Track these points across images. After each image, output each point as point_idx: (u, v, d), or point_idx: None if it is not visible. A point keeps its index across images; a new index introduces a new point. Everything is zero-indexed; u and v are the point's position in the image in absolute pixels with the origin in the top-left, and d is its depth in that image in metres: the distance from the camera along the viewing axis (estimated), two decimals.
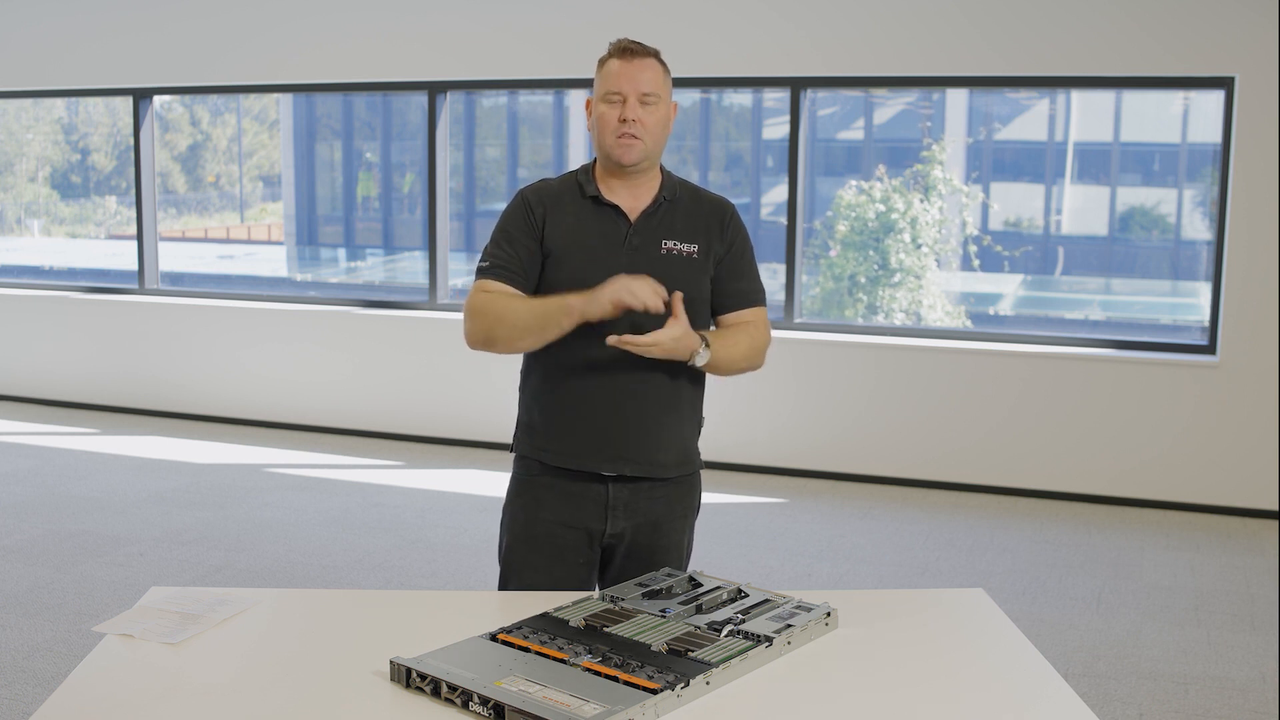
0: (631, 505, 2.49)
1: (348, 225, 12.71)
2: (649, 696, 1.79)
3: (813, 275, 8.29)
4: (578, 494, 2.48)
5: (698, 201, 2.54)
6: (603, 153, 2.47)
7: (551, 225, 2.46)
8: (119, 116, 9.63)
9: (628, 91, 2.41)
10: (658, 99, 2.44)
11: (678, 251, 2.47)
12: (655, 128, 2.44)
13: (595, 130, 2.47)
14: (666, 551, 2.56)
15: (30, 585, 4.56)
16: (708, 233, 2.51)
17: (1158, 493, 5.80)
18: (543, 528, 2.50)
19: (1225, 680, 3.85)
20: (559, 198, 2.49)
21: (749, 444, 6.30)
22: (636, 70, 2.42)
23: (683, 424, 2.54)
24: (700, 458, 2.63)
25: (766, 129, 10.24)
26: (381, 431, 7.06)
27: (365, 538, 5.23)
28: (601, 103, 2.44)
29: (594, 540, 2.50)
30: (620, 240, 2.45)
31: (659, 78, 2.44)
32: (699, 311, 2.48)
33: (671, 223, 2.49)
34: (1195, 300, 7.66)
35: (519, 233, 2.47)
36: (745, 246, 2.56)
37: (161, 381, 7.58)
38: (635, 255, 2.44)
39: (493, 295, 2.43)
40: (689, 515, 2.62)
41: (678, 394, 2.50)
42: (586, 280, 2.37)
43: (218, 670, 1.98)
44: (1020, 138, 10.11)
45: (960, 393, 6.05)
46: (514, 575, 2.53)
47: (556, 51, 6.53)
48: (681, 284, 2.41)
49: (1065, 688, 1.95)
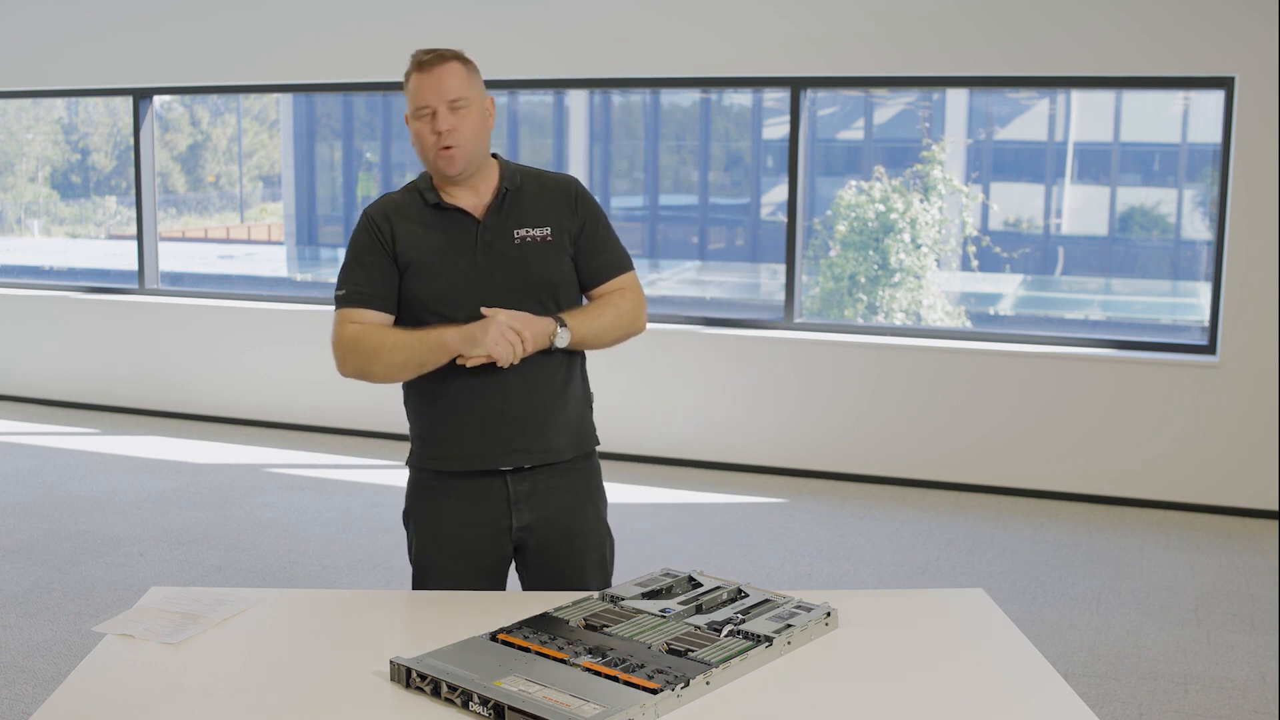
0: (534, 497, 2.49)
1: (348, 225, 12.70)
2: (649, 696, 1.79)
3: (813, 275, 8.29)
4: (479, 493, 2.48)
5: (542, 185, 2.54)
6: (430, 168, 2.47)
7: (401, 238, 2.45)
8: (119, 116, 9.63)
9: (434, 103, 2.39)
10: (467, 102, 2.41)
11: (530, 238, 2.47)
12: (471, 132, 2.42)
13: (417, 147, 2.46)
14: (581, 540, 2.54)
15: (30, 585, 4.56)
16: (557, 213, 2.51)
17: (1158, 493, 5.80)
18: (449, 529, 2.49)
19: (1225, 680, 3.85)
20: (403, 210, 2.49)
21: (749, 444, 6.30)
22: (438, 80, 2.39)
23: (568, 404, 2.53)
24: (596, 436, 2.63)
25: (766, 129, 10.24)
26: (381, 431, 7.06)
27: (365, 538, 5.23)
28: (414, 120, 2.43)
29: (501, 536, 2.49)
30: (472, 240, 2.45)
31: (463, 80, 2.42)
32: (565, 293, 2.51)
33: (519, 211, 2.49)
34: (1195, 300, 7.66)
35: (370, 254, 2.46)
36: (599, 218, 2.57)
37: (161, 381, 7.58)
38: (490, 251, 2.45)
39: (363, 329, 2.43)
40: (596, 502, 2.60)
41: (554, 376, 2.50)
42: (446, 286, 2.42)
43: (218, 670, 1.98)
44: (1020, 138, 10.11)
45: (960, 393, 6.05)
46: (427, 578, 2.52)
47: (556, 51, 6.53)
48: (538, 269, 2.45)
49: (1065, 687, 1.95)
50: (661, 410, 6.42)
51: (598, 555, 2.58)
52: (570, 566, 2.53)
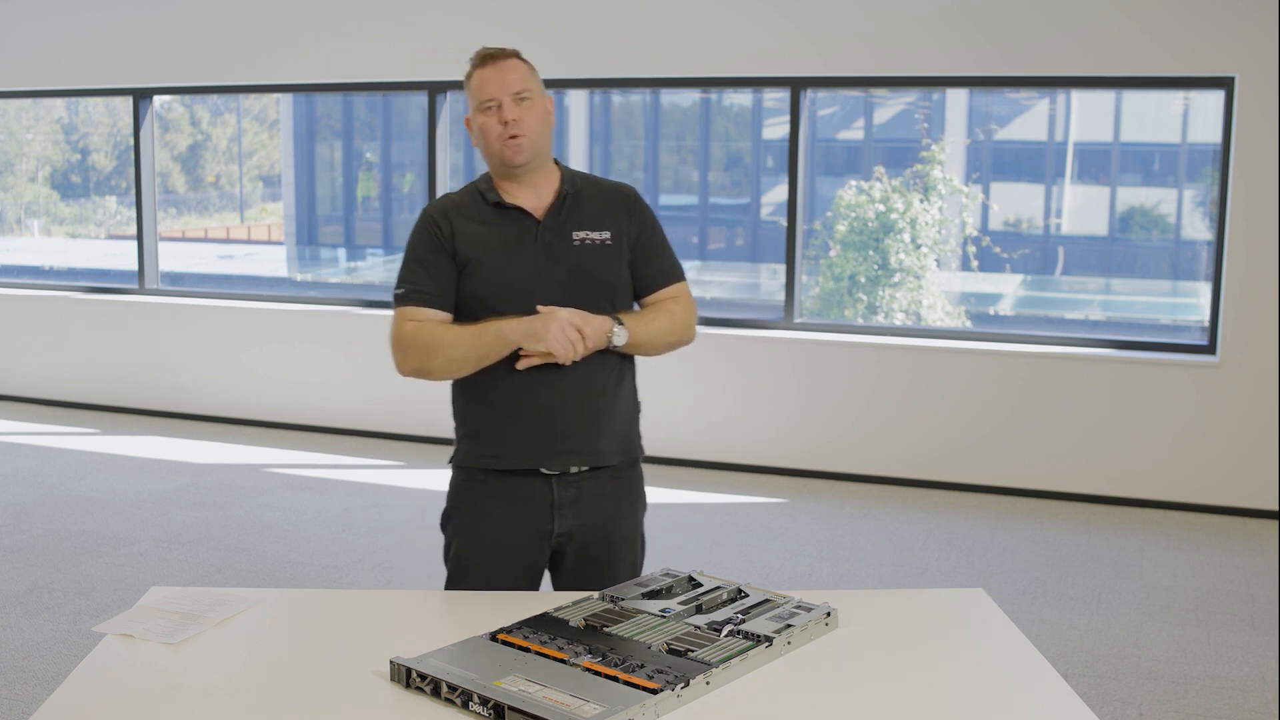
0: (578, 503, 2.49)
1: (348, 225, 12.72)
2: (649, 696, 1.79)
3: (813, 275, 8.30)
4: (523, 495, 2.48)
5: (600, 190, 2.56)
6: (494, 161, 2.48)
7: (461, 236, 2.45)
8: (119, 116, 9.63)
9: (500, 95, 2.42)
10: (531, 94, 2.45)
11: (590, 240, 2.48)
12: (536, 123, 2.45)
13: (481, 143, 2.48)
14: (619, 548, 2.55)
15: (30, 585, 4.56)
16: (616, 218, 2.52)
17: (1158, 493, 5.80)
18: (491, 530, 2.50)
19: (1225, 680, 3.85)
20: (462, 209, 2.49)
21: (749, 444, 6.30)
22: (503, 73, 2.43)
23: (618, 408, 2.55)
24: (642, 444, 2.64)
25: (766, 129, 10.25)
26: (381, 431, 7.06)
27: (365, 538, 5.23)
28: (479, 114, 2.45)
29: (542, 540, 2.50)
30: (532, 239, 2.46)
31: (526, 75, 2.46)
32: (621, 297, 2.52)
33: (579, 214, 2.50)
34: (1195, 300, 7.67)
35: (429, 252, 2.46)
36: (654, 226, 2.59)
37: (161, 381, 7.58)
38: (549, 251, 2.45)
39: (421, 326, 2.43)
40: (637, 510, 2.62)
41: (608, 378, 2.51)
42: (504, 284, 2.42)
43: (218, 670, 1.98)
44: (1020, 138, 10.12)
45: (960, 393, 6.05)
46: (463, 578, 2.53)
47: (556, 51, 6.52)
48: (598, 271, 2.46)
49: (1065, 687, 1.95)
50: (661, 410, 6.40)
51: (630, 561, 2.59)
52: (605, 572, 2.53)
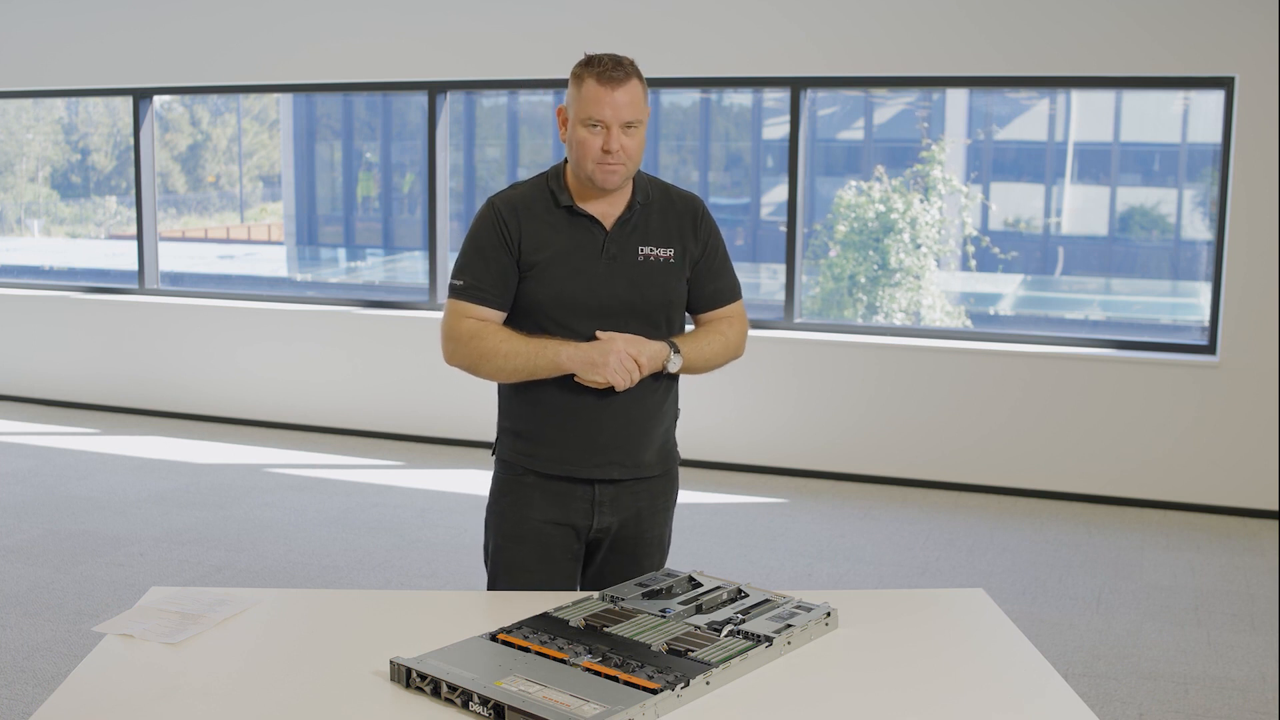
0: (617, 501, 2.52)
1: (348, 225, 12.71)
2: (649, 696, 1.79)
3: (812, 275, 8.29)
4: (564, 494, 2.50)
5: (669, 202, 2.53)
6: (583, 173, 2.40)
7: (528, 237, 2.42)
8: (119, 116, 9.63)
9: (610, 120, 2.33)
10: (640, 123, 2.38)
11: (654, 257, 2.47)
12: (637, 151, 2.40)
13: (572, 150, 2.40)
14: (649, 544, 2.59)
15: (30, 585, 4.56)
16: (682, 236, 2.51)
17: (1158, 493, 5.80)
18: (531, 527, 2.51)
19: (1225, 680, 3.85)
20: (531, 207, 2.45)
21: (749, 444, 6.30)
22: (620, 97, 2.33)
23: (663, 422, 2.57)
24: (678, 449, 2.67)
25: (766, 129, 10.24)
26: (381, 431, 7.06)
27: (365, 538, 5.23)
28: (581, 126, 2.35)
29: (580, 536, 2.53)
30: (598, 250, 2.44)
31: (640, 102, 2.37)
32: (677, 313, 2.53)
33: (645, 227, 2.48)
34: (1195, 300, 7.66)
35: (493, 249, 2.43)
36: (718, 244, 2.58)
37: (161, 381, 7.58)
38: (613, 264, 2.45)
39: (482, 328, 2.43)
40: (670, 508, 2.65)
41: (656, 396, 2.53)
42: (564, 291, 2.41)
43: (218, 670, 1.98)
44: (1020, 138, 10.11)
45: (960, 393, 6.05)
46: (503, 575, 2.54)
47: (557, 51, 6.52)
48: (658, 289, 2.46)
49: (1065, 687, 1.95)
50: None
51: (657, 560, 2.62)
52: (632, 567, 2.56)
